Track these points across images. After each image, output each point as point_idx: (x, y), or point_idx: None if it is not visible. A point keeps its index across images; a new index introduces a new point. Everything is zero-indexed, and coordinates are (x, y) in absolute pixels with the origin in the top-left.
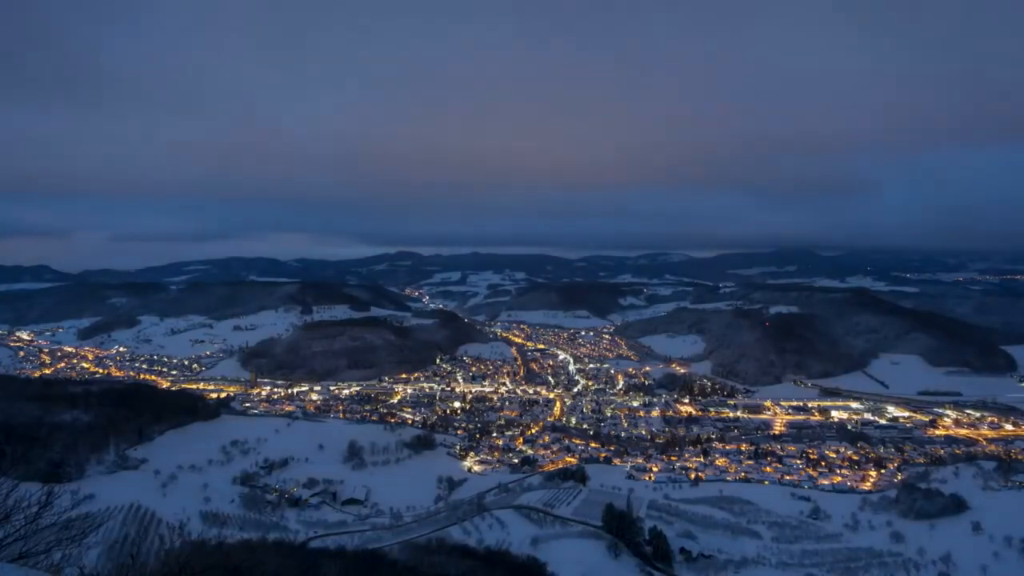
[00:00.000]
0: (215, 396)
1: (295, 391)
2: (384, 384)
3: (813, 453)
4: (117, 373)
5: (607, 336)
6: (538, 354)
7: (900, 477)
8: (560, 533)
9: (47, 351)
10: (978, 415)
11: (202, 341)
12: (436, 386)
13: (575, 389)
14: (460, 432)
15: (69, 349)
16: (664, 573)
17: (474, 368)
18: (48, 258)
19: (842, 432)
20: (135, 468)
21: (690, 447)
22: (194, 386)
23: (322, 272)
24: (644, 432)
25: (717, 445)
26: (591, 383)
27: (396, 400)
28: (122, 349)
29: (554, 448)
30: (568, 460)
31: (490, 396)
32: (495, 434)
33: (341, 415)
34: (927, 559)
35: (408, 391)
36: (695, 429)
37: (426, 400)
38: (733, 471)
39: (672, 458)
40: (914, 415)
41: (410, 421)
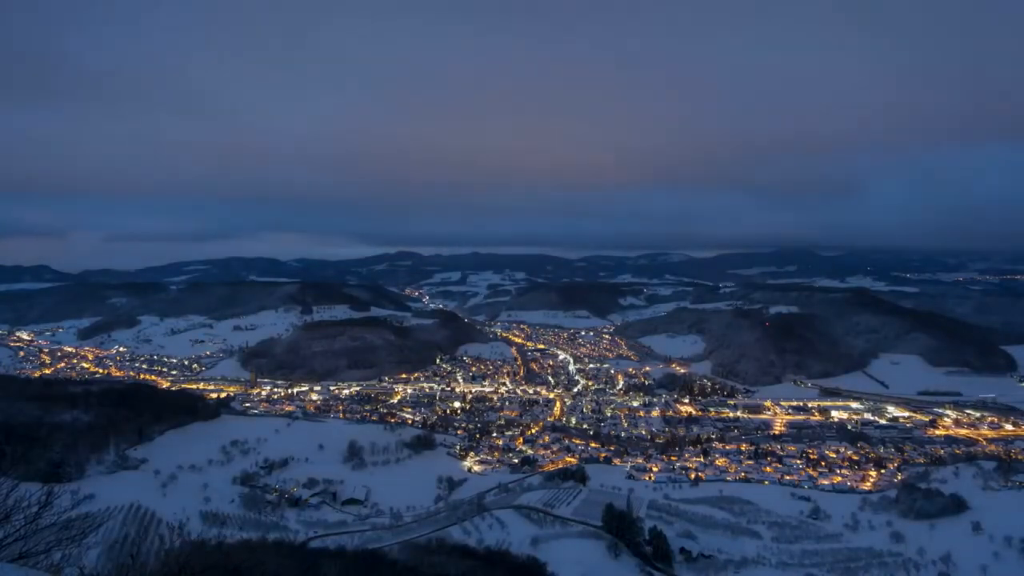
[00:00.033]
0: (215, 396)
1: (295, 391)
2: (384, 384)
3: (813, 453)
4: (117, 373)
5: (607, 336)
6: (538, 354)
7: (900, 477)
8: (560, 533)
9: (47, 351)
10: (978, 415)
11: (202, 341)
12: (436, 386)
13: (575, 389)
14: (460, 432)
15: (69, 349)
16: (664, 573)
17: (474, 368)
18: (48, 258)
19: (842, 432)
20: (135, 468)
21: (690, 447)
22: (194, 386)
23: (322, 272)
24: (644, 432)
25: (717, 445)
26: (591, 383)
27: (396, 400)
28: (122, 349)
29: (554, 448)
30: (568, 460)
31: (490, 396)
32: (495, 434)
33: (341, 415)
34: (927, 559)
35: (408, 391)
36: (695, 429)
37: (426, 400)
38: (733, 471)
39: (672, 458)
40: (914, 415)
41: (410, 421)
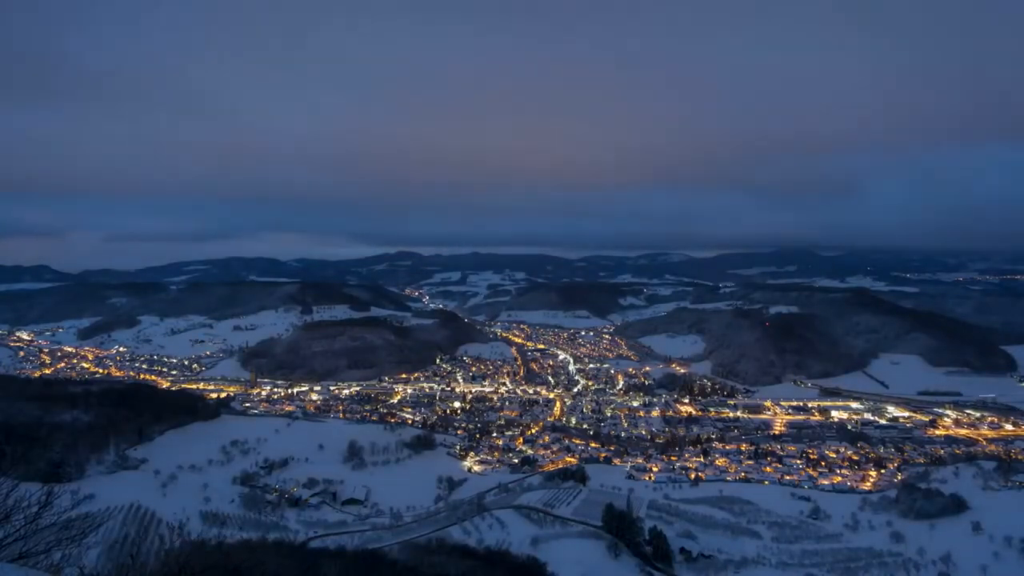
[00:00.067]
0: (215, 396)
1: (295, 391)
2: (384, 384)
3: (813, 453)
4: (117, 373)
5: (607, 336)
6: (538, 354)
7: (900, 477)
8: (560, 533)
9: (47, 351)
10: (978, 415)
11: (202, 341)
12: (436, 386)
13: (575, 389)
14: (460, 432)
15: (69, 349)
16: (664, 573)
17: (474, 368)
18: (48, 258)
19: (842, 432)
20: (135, 468)
21: (690, 447)
22: (194, 386)
23: (322, 272)
24: (644, 432)
25: (717, 445)
26: (591, 383)
27: (396, 400)
28: (122, 349)
29: (554, 448)
30: (568, 460)
31: (490, 396)
32: (495, 434)
33: (341, 415)
34: (927, 559)
35: (408, 391)
36: (695, 429)
37: (426, 400)
38: (733, 471)
39: (672, 458)
40: (914, 415)
41: (410, 421)
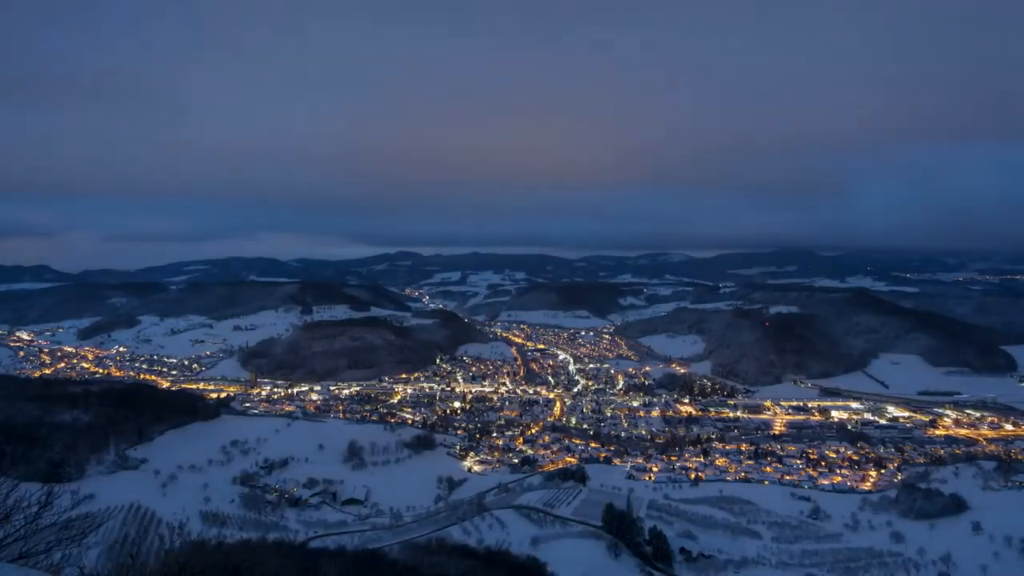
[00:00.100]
0: (215, 396)
1: (295, 391)
2: (384, 384)
3: (813, 453)
4: (117, 373)
5: (607, 336)
6: (538, 354)
7: (900, 477)
8: (560, 533)
9: (47, 351)
10: (978, 415)
11: (202, 341)
12: (436, 386)
13: (575, 389)
14: (460, 432)
15: (69, 349)
16: (664, 573)
17: (474, 368)
18: (48, 258)
19: (842, 432)
20: (135, 468)
21: (690, 447)
22: (194, 386)
23: (322, 272)
24: (644, 432)
25: (717, 445)
26: (591, 383)
27: (396, 400)
28: (122, 349)
29: (554, 448)
30: (568, 460)
31: (490, 396)
32: (495, 434)
33: (341, 415)
34: (927, 559)
35: (408, 391)
36: (695, 429)
37: (426, 400)
38: (733, 471)
39: (672, 458)
40: (914, 415)
41: (410, 421)
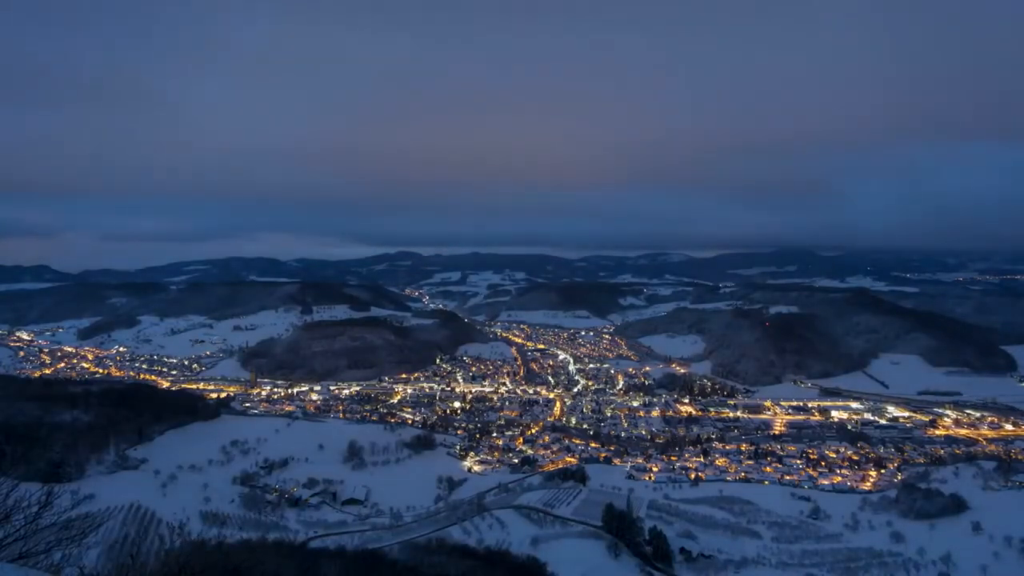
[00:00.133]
0: (215, 396)
1: (295, 391)
2: (384, 384)
3: (813, 453)
4: (117, 373)
5: (607, 336)
6: (538, 354)
7: (900, 477)
8: (560, 533)
9: (47, 351)
10: (978, 415)
11: (202, 341)
12: (436, 386)
13: (575, 389)
14: (460, 432)
15: (69, 349)
16: (664, 573)
17: (474, 368)
18: (48, 258)
19: (842, 432)
20: (135, 468)
21: (690, 447)
22: (194, 386)
23: (322, 272)
24: (644, 432)
25: (717, 445)
26: (591, 383)
27: (396, 400)
28: (122, 349)
29: (554, 448)
30: (568, 460)
31: (490, 396)
32: (495, 434)
33: (341, 415)
34: (927, 559)
35: (408, 391)
36: (695, 429)
37: (426, 400)
38: (733, 471)
39: (672, 458)
40: (914, 415)
41: (410, 421)
